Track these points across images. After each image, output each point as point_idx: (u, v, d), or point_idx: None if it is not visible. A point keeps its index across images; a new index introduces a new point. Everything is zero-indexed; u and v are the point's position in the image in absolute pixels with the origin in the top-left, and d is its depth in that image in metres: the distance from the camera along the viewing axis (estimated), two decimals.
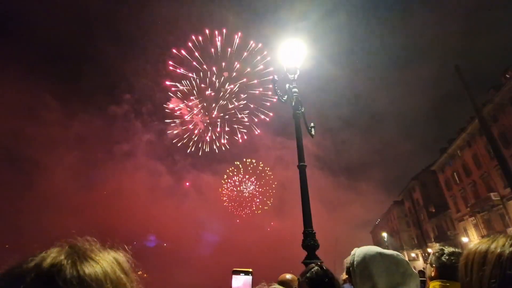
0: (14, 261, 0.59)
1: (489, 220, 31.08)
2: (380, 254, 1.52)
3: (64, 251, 0.61)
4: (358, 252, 1.58)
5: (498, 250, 0.85)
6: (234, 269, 1.61)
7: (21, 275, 0.55)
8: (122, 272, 0.65)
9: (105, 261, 0.64)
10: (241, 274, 1.60)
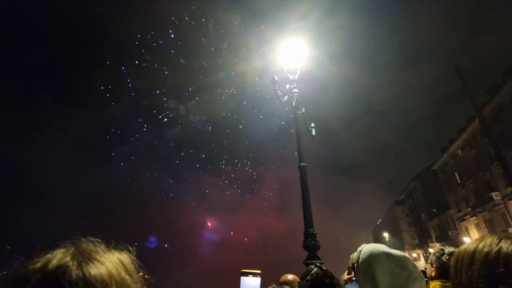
0: (19, 263, 0.59)
1: (490, 220, 30.99)
2: (387, 254, 1.45)
3: (70, 253, 0.61)
4: (365, 249, 1.52)
5: (486, 250, 0.85)
6: (243, 270, 1.60)
7: (27, 276, 0.55)
8: (126, 273, 0.66)
9: (110, 262, 0.64)
10: (249, 275, 1.60)
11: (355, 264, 1.53)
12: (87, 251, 0.63)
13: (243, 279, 1.58)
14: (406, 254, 1.52)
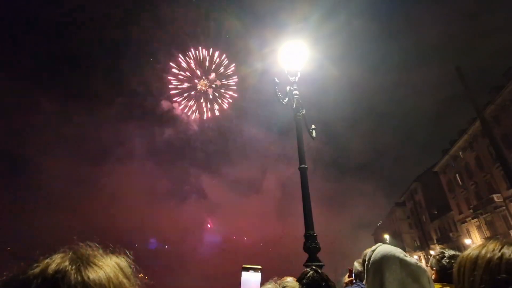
0: (18, 267, 0.60)
1: (492, 222, 30.85)
2: (401, 260, 1.33)
3: (68, 257, 0.62)
4: (379, 249, 1.43)
5: (488, 256, 0.86)
6: (244, 265, 1.63)
7: (26, 281, 0.56)
8: (124, 277, 0.66)
9: (108, 266, 0.64)
10: (250, 270, 1.62)
11: (366, 263, 1.44)
12: (85, 256, 0.64)
13: (244, 274, 1.60)
14: (422, 264, 1.39)
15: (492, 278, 0.82)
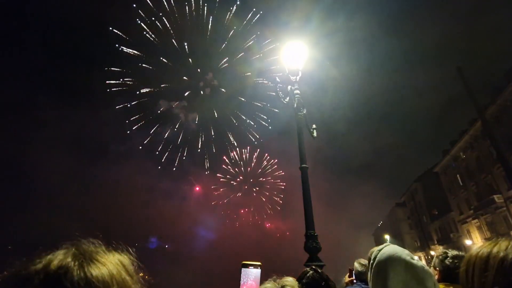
0: (20, 263, 0.60)
1: (492, 223, 30.82)
2: (406, 263, 1.31)
3: (71, 253, 0.61)
4: (385, 250, 1.42)
5: (501, 255, 0.81)
6: (244, 262, 1.62)
7: (29, 277, 0.56)
8: (127, 274, 0.66)
9: (111, 263, 0.64)
10: (250, 267, 1.61)
11: (371, 261, 1.44)
12: (88, 252, 0.63)
13: (244, 270, 1.59)
14: (427, 267, 1.36)
15: (506, 279, 0.76)
